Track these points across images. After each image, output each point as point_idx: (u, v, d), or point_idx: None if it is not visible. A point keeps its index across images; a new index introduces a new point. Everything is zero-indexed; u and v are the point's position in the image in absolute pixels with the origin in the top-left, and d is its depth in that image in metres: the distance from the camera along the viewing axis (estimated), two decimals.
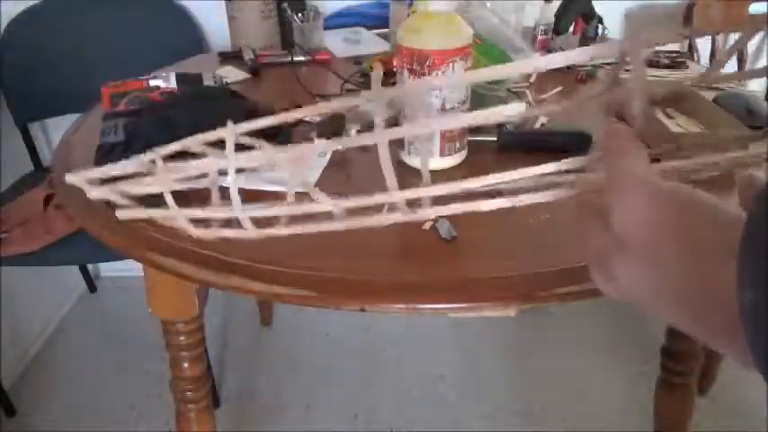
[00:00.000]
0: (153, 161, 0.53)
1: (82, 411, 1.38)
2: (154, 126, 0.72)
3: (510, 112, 0.37)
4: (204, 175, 0.52)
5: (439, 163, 0.72)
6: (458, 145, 0.71)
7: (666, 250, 0.29)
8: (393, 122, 0.82)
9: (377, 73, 0.52)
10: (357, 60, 1.15)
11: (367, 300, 0.54)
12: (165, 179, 0.52)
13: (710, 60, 1.47)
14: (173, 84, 0.94)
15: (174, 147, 0.53)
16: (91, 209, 0.64)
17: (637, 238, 0.31)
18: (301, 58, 1.19)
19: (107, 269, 1.85)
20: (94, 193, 0.55)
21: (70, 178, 0.55)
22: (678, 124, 0.72)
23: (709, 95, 0.88)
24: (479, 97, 0.79)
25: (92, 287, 1.79)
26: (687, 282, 0.28)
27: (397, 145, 0.75)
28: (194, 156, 0.53)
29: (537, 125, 0.82)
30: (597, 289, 0.54)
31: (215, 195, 0.52)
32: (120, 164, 0.55)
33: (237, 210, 0.48)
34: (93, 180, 0.56)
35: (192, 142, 0.52)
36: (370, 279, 0.55)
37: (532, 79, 1.06)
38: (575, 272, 0.55)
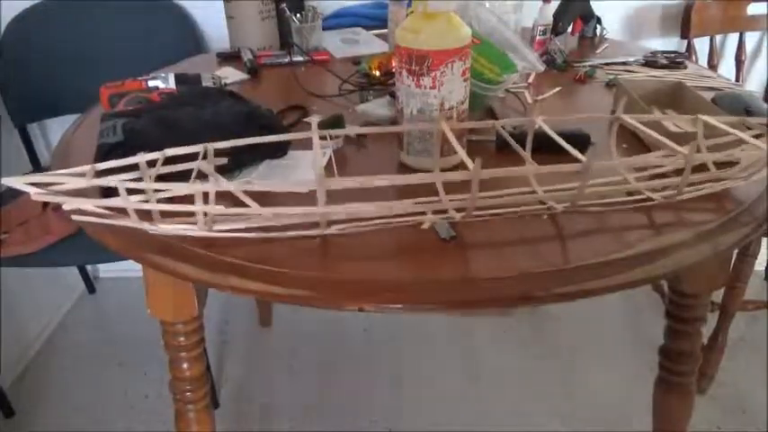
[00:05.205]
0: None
1: (81, 412, 1.38)
2: (152, 127, 0.72)
3: None
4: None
5: (438, 163, 0.71)
6: None
7: None
8: (391, 121, 0.82)
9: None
10: (356, 60, 1.15)
11: (365, 299, 0.54)
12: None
13: (709, 60, 1.47)
14: (171, 84, 0.94)
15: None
16: (89, 210, 0.63)
17: None
18: (300, 59, 1.19)
19: (106, 270, 1.84)
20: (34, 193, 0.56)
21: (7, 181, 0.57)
22: (675, 124, 0.72)
23: (708, 95, 0.88)
24: (478, 98, 0.79)
25: (90, 288, 1.78)
26: None
27: (397, 145, 0.75)
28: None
29: (536, 126, 0.82)
30: (594, 288, 0.54)
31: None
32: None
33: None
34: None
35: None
36: (368, 279, 0.55)
37: (531, 80, 1.06)
38: (572, 272, 0.55)
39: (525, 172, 0.59)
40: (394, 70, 0.77)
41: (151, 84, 0.94)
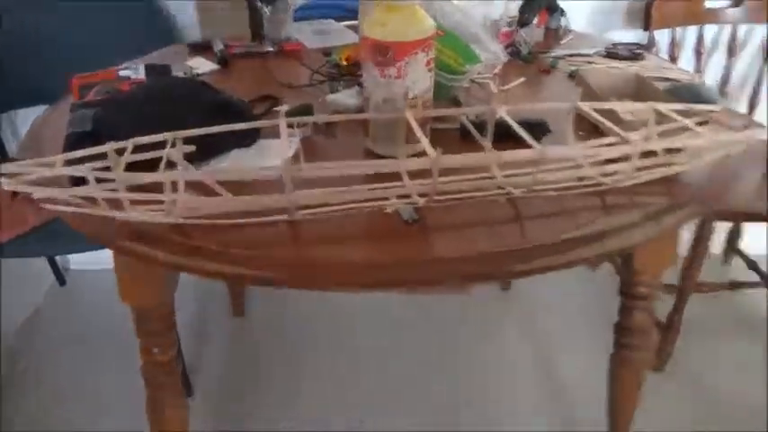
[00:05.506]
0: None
1: (56, 403, 1.38)
2: (121, 116, 0.73)
3: None
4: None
5: (403, 150, 0.74)
6: None
7: None
8: (359, 111, 0.85)
9: None
10: (326, 51, 1.17)
11: (333, 279, 0.56)
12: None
13: (670, 52, 1.52)
14: (142, 75, 0.95)
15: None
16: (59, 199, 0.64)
17: None
18: (271, 49, 1.20)
19: (76, 262, 1.83)
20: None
21: None
22: (630, 112, 0.76)
23: (665, 86, 0.92)
24: (443, 87, 0.82)
25: (61, 280, 1.77)
26: None
27: (364, 134, 0.77)
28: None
29: (498, 114, 0.85)
30: (548, 266, 0.58)
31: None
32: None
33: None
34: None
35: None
36: (336, 260, 0.57)
37: (497, 70, 1.09)
38: (529, 251, 0.59)
39: (483, 160, 0.62)
40: (362, 62, 0.79)
41: (122, 74, 0.94)
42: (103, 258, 0.66)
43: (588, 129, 0.82)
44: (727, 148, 0.67)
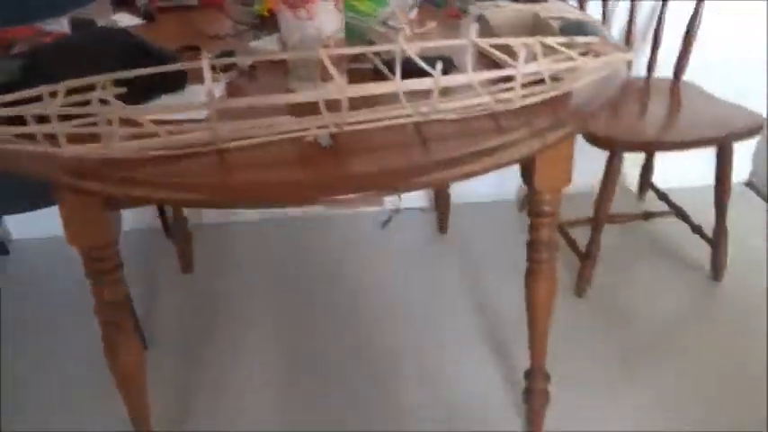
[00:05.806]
0: None
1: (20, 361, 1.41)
2: (48, 66, 0.77)
3: None
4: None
5: (319, 87, 0.81)
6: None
7: None
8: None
9: None
10: (248, 2, 1.21)
11: (260, 197, 0.63)
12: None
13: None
14: (66, 28, 0.97)
15: None
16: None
17: None
18: (194, 3, 1.23)
19: (19, 232, 1.82)
20: None
21: None
22: (524, 43, 0.85)
23: (558, 24, 1.02)
24: (356, 30, 0.89)
25: (3, 250, 1.77)
26: None
27: (284, 76, 0.84)
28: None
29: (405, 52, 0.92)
30: (447, 177, 0.67)
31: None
32: None
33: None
34: None
35: None
36: (262, 182, 0.64)
37: (413, 15, 1.16)
38: (431, 166, 0.67)
39: (385, 88, 0.70)
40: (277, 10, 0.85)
41: (47, 29, 0.96)
42: (46, 226, 0.70)
43: (490, 64, 0.92)
44: (599, 71, 0.78)
